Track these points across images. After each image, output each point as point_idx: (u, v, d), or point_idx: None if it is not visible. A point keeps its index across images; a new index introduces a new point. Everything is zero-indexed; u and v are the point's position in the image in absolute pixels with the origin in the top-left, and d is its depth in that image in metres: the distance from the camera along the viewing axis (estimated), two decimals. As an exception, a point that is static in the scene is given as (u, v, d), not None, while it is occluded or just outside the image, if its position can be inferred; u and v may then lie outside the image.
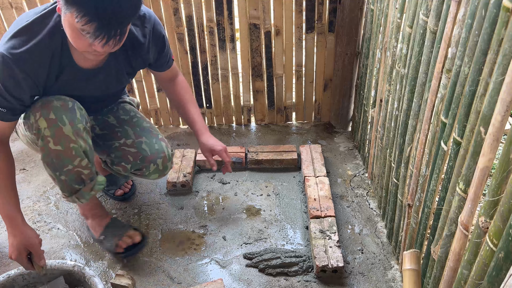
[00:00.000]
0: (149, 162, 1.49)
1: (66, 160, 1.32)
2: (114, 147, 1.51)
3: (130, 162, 1.49)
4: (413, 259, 1.04)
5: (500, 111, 0.75)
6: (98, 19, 1.05)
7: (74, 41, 1.14)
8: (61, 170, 1.34)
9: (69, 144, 1.30)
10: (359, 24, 1.94)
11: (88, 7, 1.04)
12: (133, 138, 1.51)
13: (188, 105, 1.63)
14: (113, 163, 1.52)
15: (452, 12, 0.97)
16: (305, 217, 1.68)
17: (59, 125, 1.27)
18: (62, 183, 1.38)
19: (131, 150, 1.49)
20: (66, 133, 1.28)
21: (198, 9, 1.95)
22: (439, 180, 1.08)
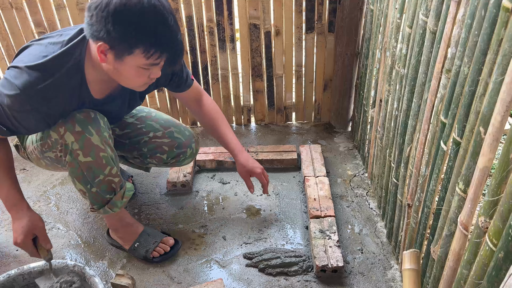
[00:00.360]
0: (186, 148, 1.58)
1: (97, 171, 1.31)
2: (143, 141, 1.56)
3: (166, 152, 1.56)
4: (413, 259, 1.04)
5: (499, 111, 0.75)
6: (169, 50, 1.12)
7: (135, 79, 1.18)
8: (93, 182, 1.33)
9: (99, 153, 1.30)
10: (359, 24, 1.94)
11: (157, 42, 1.09)
12: (162, 130, 1.57)
13: (220, 127, 1.59)
14: (145, 157, 1.57)
15: (451, 12, 0.97)
16: (305, 217, 1.68)
17: (87, 136, 1.26)
18: (93, 196, 1.37)
19: (164, 141, 1.55)
20: (95, 143, 1.28)
21: (198, 9, 1.96)
22: (439, 180, 1.08)
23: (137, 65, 1.13)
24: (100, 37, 1.09)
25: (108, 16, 1.05)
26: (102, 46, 1.10)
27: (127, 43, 1.09)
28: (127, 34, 1.07)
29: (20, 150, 1.49)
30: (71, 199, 1.81)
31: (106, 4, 1.05)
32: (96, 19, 1.07)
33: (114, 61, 1.13)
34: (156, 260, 1.50)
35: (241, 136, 2.21)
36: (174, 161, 1.60)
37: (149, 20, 1.07)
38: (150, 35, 1.08)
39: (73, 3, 1.93)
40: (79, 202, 1.80)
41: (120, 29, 1.06)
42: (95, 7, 1.07)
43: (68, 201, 1.80)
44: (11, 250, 1.58)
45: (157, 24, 1.08)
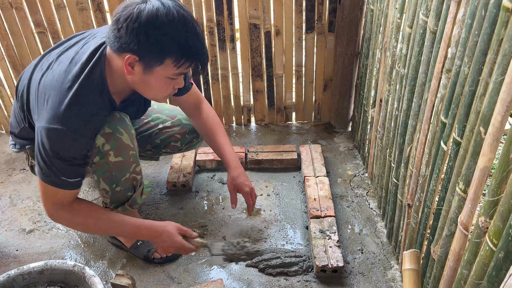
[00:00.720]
0: (197, 132, 1.62)
1: (125, 170, 1.33)
2: (155, 134, 1.59)
3: (179, 140, 1.61)
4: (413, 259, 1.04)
5: (500, 111, 0.75)
6: (198, 58, 1.14)
7: (161, 90, 1.20)
8: (119, 181, 1.34)
9: (129, 152, 1.31)
10: (359, 24, 1.94)
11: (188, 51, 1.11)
12: (169, 120, 1.61)
13: (216, 136, 1.57)
14: (160, 148, 1.61)
15: (452, 12, 0.97)
16: (305, 217, 1.68)
17: (118, 136, 1.27)
18: (115, 195, 1.38)
19: (175, 129, 1.60)
20: (126, 142, 1.30)
21: (198, 9, 1.96)
22: (439, 180, 1.08)
23: (166, 75, 1.15)
24: (130, 49, 1.10)
25: (141, 27, 1.07)
26: (130, 58, 1.11)
27: (158, 53, 1.10)
28: (159, 44, 1.09)
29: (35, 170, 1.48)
30: (71, 199, 1.81)
31: (137, 16, 1.06)
32: (126, 31, 1.08)
33: (142, 72, 1.14)
34: (156, 261, 1.50)
35: (241, 136, 2.21)
36: (187, 146, 1.65)
37: (180, 30, 1.09)
38: (181, 44, 1.10)
39: (73, 3, 1.93)
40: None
41: (152, 40, 1.08)
42: (124, 19, 1.08)
43: (68, 201, 1.80)
44: (11, 250, 1.58)
45: (187, 34, 1.10)
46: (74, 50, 1.23)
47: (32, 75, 1.25)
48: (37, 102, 1.20)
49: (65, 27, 2.00)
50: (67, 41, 1.31)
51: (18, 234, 1.65)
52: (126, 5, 1.10)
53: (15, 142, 1.47)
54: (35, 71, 1.26)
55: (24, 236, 1.64)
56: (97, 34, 1.27)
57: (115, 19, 1.10)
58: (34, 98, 1.21)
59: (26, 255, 1.56)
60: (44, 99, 1.17)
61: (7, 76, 2.12)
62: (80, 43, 1.26)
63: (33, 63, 1.31)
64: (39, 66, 1.27)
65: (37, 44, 2.05)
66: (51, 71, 1.20)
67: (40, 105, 1.18)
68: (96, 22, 1.98)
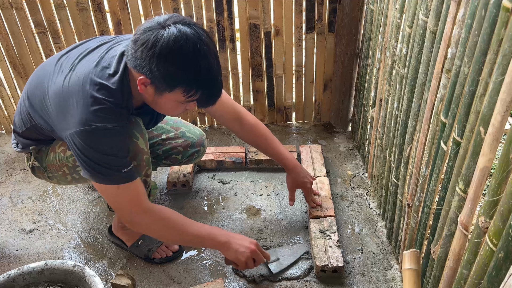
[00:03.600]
0: (199, 146, 1.63)
1: (138, 174, 1.31)
2: (157, 144, 1.58)
3: (181, 152, 1.60)
4: (413, 259, 1.04)
5: (499, 111, 0.75)
6: (208, 91, 1.15)
7: (171, 111, 1.22)
8: None
9: (143, 156, 1.31)
10: (359, 24, 1.94)
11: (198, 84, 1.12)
12: (173, 131, 1.60)
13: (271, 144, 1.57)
14: (160, 159, 1.60)
15: (452, 12, 0.97)
16: (305, 217, 1.68)
17: (134, 141, 1.27)
18: None
19: (178, 142, 1.59)
20: (142, 147, 1.30)
21: (198, 9, 1.96)
22: (439, 180, 1.08)
23: (176, 100, 1.16)
24: (143, 72, 1.11)
25: (154, 57, 1.07)
26: (143, 79, 1.12)
27: (168, 83, 1.12)
28: (170, 75, 1.10)
29: (37, 172, 1.47)
30: (71, 199, 1.81)
31: (152, 44, 1.07)
32: (141, 56, 1.09)
33: (153, 94, 1.16)
34: (156, 261, 1.50)
35: (241, 136, 2.21)
36: (187, 160, 1.63)
37: (194, 65, 1.10)
38: (192, 78, 1.11)
39: (73, 3, 1.93)
40: (79, 202, 1.80)
41: (163, 71, 1.09)
42: (141, 44, 1.09)
43: (68, 201, 1.80)
44: (11, 250, 1.58)
45: (200, 69, 1.11)
46: (98, 53, 1.23)
47: (52, 77, 1.23)
48: (60, 107, 1.18)
49: (65, 27, 2.00)
50: (84, 43, 1.30)
51: (18, 234, 1.65)
52: (146, 28, 1.10)
53: (17, 141, 1.47)
54: (55, 74, 1.23)
55: (24, 236, 1.64)
56: (122, 42, 1.26)
57: (134, 39, 1.11)
58: (57, 102, 1.19)
59: (26, 255, 1.56)
60: (69, 104, 1.15)
61: (7, 76, 2.12)
62: (103, 47, 1.25)
63: (50, 64, 1.28)
64: (57, 67, 1.25)
65: (37, 44, 2.05)
66: (75, 73, 1.19)
67: (65, 111, 1.16)
68: (96, 22, 1.99)
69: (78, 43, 1.33)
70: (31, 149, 1.43)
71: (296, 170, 1.58)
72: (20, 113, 1.37)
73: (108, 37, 1.32)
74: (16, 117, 1.41)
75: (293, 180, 1.59)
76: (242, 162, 1.95)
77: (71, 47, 1.32)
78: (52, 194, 1.84)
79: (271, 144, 1.57)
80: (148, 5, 1.94)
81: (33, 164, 1.47)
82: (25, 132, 1.39)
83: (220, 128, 2.28)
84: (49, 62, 1.30)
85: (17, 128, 1.41)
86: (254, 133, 1.56)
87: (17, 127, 1.41)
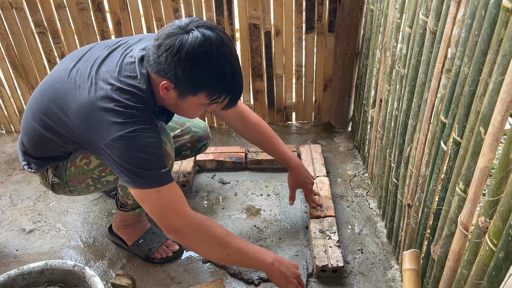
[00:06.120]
0: (206, 139, 1.65)
1: None
2: None
3: (189, 148, 1.62)
4: (413, 259, 1.04)
5: (500, 111, 0.75)
6: (232, 94, 1.16)
7: (192, 113, 1.24)
8: None
9: (170, 161, 1.30)
10: (359, 24, 1.94)
11: (223, 88, 1.13)
12: (179, 128, 1.60)
13: (273, 143, 1.56)
14: None
15: (452, 12, 0.97)
16: (305, 217, 1.68)
17: (163, 146, 1.25)
18: None
19: (185, 138, 1.60)
20: (169, 152, 1.29)
21: (198, 9, 1.96)
22: (439, 180, 1.08)
23: (199, 103, 1.17)
24: (167, 77, 1.12)
25: (180, 62, 1.08)
26: (166, 84, 1.12)
27: (193, 87, 1.12)
28: (195, 80, 1.10)
29: (57, 188, 1.42)
30: (71, 199, 1.81)
31: (178, 50, 1.07)
32: (166, 61, 1.09)
33: (176, 98, 1.17)
34: (156, 261, 1.50)
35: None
36: (196, 153, 1.67)
37: (218, 69, 1.10)
38: (216, 82, 1.12)
39: (73, 3, 1.93)
40: (79, 202, 1.80)
41: (189, 75, 1.09)
42: (165, 49, 1.08)
43: (68, 201, 1.80)
44: (11, 250, 1.58)
45: (225, 72, 1.11)
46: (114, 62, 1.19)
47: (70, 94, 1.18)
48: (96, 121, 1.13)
49: (65, 27, 1.99)
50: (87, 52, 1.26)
51: (18, 234, 1.65)
52: (169, 33, 1.09)
53: (28, 162, 1.40)
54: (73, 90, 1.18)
55: (24, 236, 1.64)
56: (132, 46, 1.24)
57: (157, 44, 1.10)
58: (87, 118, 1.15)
59: (26, 255, 1.56)
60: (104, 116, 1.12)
61: (7, 76, 2.12)
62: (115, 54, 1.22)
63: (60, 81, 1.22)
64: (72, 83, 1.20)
65: (37, 44, 2.05)
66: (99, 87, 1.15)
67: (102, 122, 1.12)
68: (96, 22, 1.98)
69: (80, 52, 1.28)
70: (48, 166, 1.39)
71: (298, 170, 1.58)
72: (29, 134, 1.31)
73: (110, 42, 1.28)
74: (24, 138, 1.34)
75: (294, 180, 1.60)
76: (242, 162, 1.95)
77: (75, 59, 1.26)
78: (52, 194, 1.84)
79: (274, 143, 1.57)
80: (148, 5, 1.94)
81: (53, 182, 1.41)
82: (38, 152, 1.34)
83: (220, 128, 2.28)
84: (57, 79, 1.24)
85: (28, 151, 1.36)
86: (257, 131, 1.55)
87: (28, 150, 1.36)
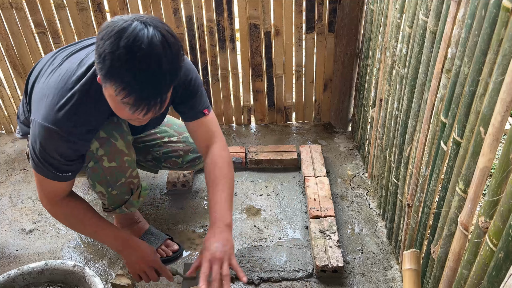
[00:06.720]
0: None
1: (120, 175, 1.33)
2: (158, 146, 1.57)
3: (181, 156, 1.57)
4: (413, 259, 1.04)
5: (500, 111, 0.75)
6: (136, 92, 0.99)
7: (116, 111, 1.09)
8: (114, 185, 1.35)
9: (123, 158, 1.31)
10: (359, 24, 1.94)
11: (127, 80, 0.98)
12: (176, 135, 1.58)
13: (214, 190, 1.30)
14: (160, 161, 1.58)
15: (452, 12, 0.97)
16: (305, 217, 1.68)
17: (112, 142, 1.26)
18: (112, 198, 1.38)
19: (179, 145, 1.57)
20: (120, 148, 1.29)
21: (198, 9, 1.96)
22: (439, 180, 1.08)
23: (111, 96, 1.04)
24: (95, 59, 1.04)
25: (100, 40, 0.99)
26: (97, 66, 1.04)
27: (103, 76, 1.01)
28: (105, 65, 0.99)
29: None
30: (71, 199, 1.81)
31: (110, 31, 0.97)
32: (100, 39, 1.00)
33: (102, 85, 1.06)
34: None
35: (241, 136, 2.21)
36: (189, 165, 1.59)
37: (134, 64, 0.97)
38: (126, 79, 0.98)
39: (73, 3, 1.93)
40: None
41: (99, 60, 0.99)
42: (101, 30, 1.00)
43: (68, 201, 1.80)
44: (11, 250, 1.58)
45: (139, 71, 0.98)
46: (85, 52, 1.21)
47: (43, 68, 1.24)
48: (39, 95, 1.18)
49: (65, 27, 1.99)
50: (83, 41, 1.30)
51: (18, 234, 1.65)
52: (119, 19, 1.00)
53: (20, 129, 1.47)
54: (47, 65, 1.25)
55: (24, 236, 1.64)
56: None
57: None
58: (39, 91, 1.19)
59: (26, 255, 1.56)
60: (45, 94, 1.16)
61: (7, 76, 2.12)
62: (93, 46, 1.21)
63: (47, 57, 1.29)
64: (51, 60, 1.25)
65: (37, 44, 2.05)
66: (59, 69, 1.19)
67: (40, 99, 1.17)
68: (96, 22, 1.98)
69: (81, 40, 1.33)
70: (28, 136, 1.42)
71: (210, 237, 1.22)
72: (22, 102, 1.38)
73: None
74: (20, 105, 1.42)
75: (203, 245, 1.23)
76: (242, 162, 1.95)
77: (72, 43, 1.31)
78: (52, 194, 1.84)
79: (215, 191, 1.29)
80: (148, 5, 1.94)
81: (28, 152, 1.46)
82: (25, 120, 1.39)
83: (220, 128, 2.28)
84: (48, 56, 1.31)
85: (19, 116, 1.43)
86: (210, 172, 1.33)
87: (19, 114, 1.43)
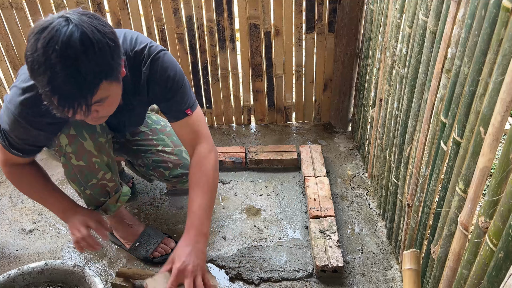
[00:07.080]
0: None
1: (90, 175, 1.33)
2: (150, 152, 1.52)
3: (169, 169, 1.51)
4: (413, 259, 1.04)
5: (499, 111, 0.75)
6: (56, 94, 0.94)
7: None
8: (86, 185, 1.35)
9: (91, 158, 1.30)
10: (359, 24, 1.94)
11: (45, 83, 0.93)
12: (171, 146, 1.53)
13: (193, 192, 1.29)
14: (148, 168, 1.53)
15: (451, 12, 0.97)
16: (305, 217, 1.68)
17: (80, 141, 1.27)
18: (87, 197, 1.39)
19: (171, 157, 1.51)
20: (88, 148, 1.29)
21: (198, 9, 1.96)
22: (439, 180, 1.08)
23: None
24: None
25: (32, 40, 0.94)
26: None
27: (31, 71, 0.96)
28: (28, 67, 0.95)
29: None
30: (71, 199, 1.81)
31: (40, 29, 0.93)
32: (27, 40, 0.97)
33: None
34: (156, 261, 1.50)
35: (241, 136, 2.21)
36: (176, 180, 1.53)
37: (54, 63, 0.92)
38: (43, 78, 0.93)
39: (73, 3, 1.93)
40: (78, 202, 1.79)
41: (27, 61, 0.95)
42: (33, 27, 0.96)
43: (68, 201, 1.80)
44: (11, 250, 1.58)
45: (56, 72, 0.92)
46: None
47: None
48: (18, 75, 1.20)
49: (65, 27, 1.99)
50: None
51: (18, 234, 1.65)
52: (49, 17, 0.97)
53: None
54: None
55: (24, 236, 1.64)
56: None
57: None
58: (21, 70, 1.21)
59: (26, 255, 1.56)
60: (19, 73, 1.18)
61: (7, 76, 2.12)
62: None
63: None
64: None
65: (37, 44, 2.04)
66: None
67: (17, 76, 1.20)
68: (96, 22, 1.98)
69: None
70: None
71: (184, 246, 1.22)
72: None
73: None
74: None
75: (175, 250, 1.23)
76: (242, 162, 1.95)
77: None
78: (52, 194, 1.84)
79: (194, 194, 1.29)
80: (148, 5, 1.94)
81: None
82: None
83: (220, 128, 2.28)
84: None
85: None
86: (192, 173, 1.32)
87: None
